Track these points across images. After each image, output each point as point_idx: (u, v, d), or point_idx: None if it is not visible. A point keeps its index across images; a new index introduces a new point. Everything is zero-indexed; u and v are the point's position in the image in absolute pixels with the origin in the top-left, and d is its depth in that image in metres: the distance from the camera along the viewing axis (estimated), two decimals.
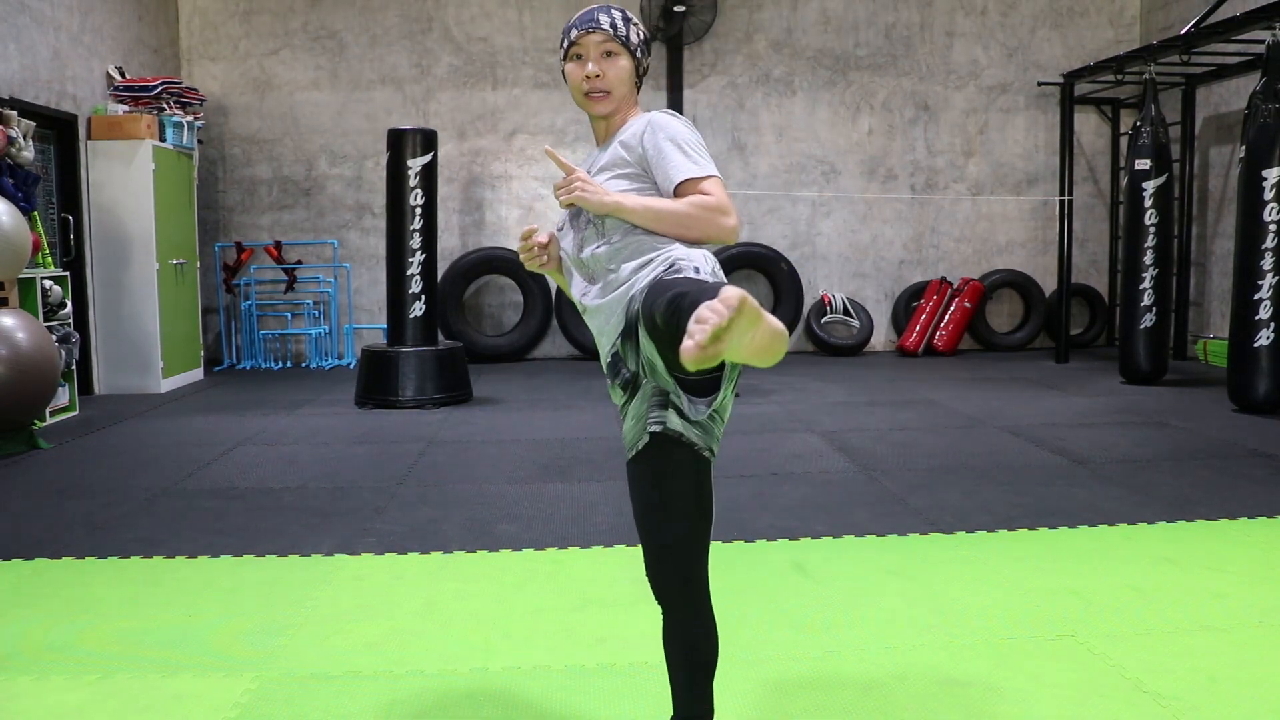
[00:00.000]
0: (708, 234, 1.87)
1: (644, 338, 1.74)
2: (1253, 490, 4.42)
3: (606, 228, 1.91)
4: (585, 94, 1.98)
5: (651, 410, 1.82)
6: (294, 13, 9.15)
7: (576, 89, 2.00)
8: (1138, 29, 9.76)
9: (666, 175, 1.89)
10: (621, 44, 1.98)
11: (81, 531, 3.94)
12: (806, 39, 9.49)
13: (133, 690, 2.55)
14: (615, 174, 1.94)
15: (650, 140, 1.91)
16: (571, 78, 2.00)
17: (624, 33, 1.98)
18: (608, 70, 1.97)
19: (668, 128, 1.92)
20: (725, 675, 2.51)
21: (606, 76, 1.97)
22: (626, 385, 1.88)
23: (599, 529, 3.92)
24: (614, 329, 1.87)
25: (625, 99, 2.01)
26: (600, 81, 1.97)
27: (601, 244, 1.91)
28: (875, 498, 4.37)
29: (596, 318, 1.93)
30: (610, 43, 1.97)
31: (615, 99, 1.99)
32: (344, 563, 3.55)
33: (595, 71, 1.96)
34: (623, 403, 1.93)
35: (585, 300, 1.96)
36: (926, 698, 2.48)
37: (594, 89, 1.97)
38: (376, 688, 2.56)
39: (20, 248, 5.57)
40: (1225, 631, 2.87)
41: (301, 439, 5.77)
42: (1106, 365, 8.50)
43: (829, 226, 9.68)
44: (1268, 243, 6.20)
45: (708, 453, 1.85)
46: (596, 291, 1.93)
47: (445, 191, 9.01)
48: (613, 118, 2.02)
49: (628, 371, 1.86)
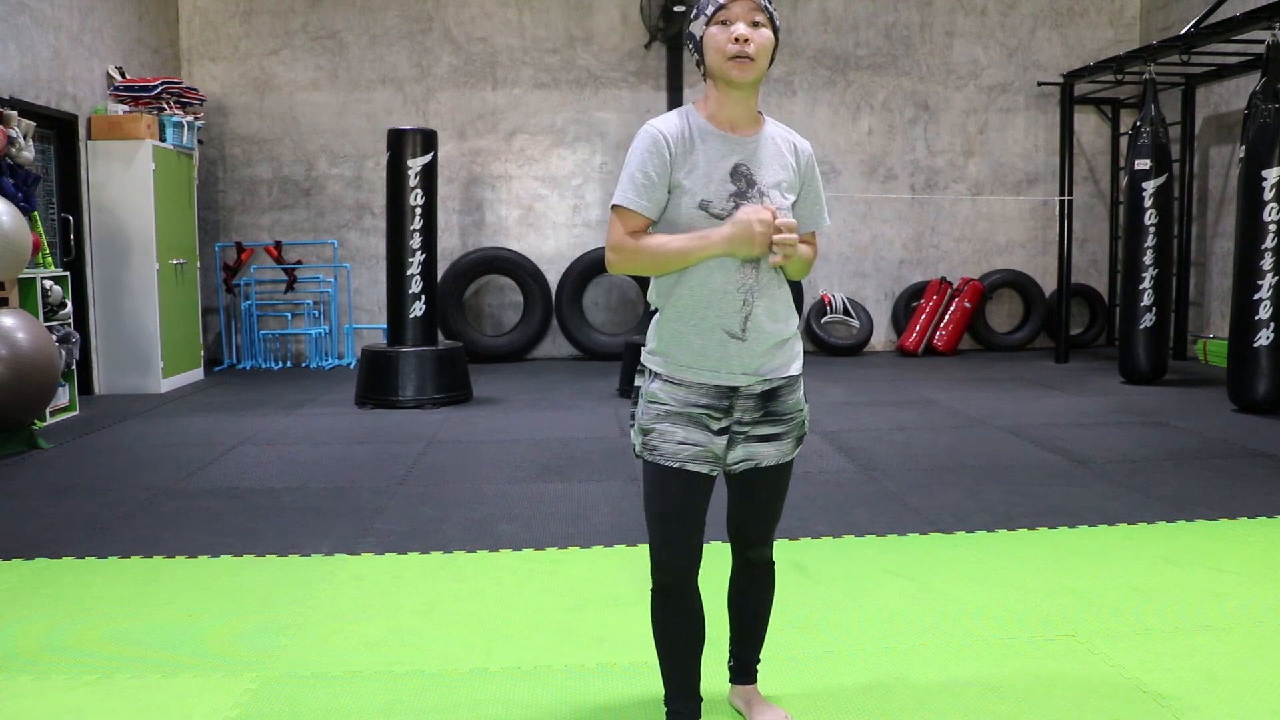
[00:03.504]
0: (801, 276, 2.16)
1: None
2: (1253, 490, 4.42)
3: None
4: (731, 57, 1.94)
5: (795, 436, 2.16)
6: (294, 13, 9.16)
7: (720, 53, 1.95)
8: (1138, 29, 9.76)
9: (815, 219, 2.16)
10: (768, 16, 1.96)
11: (81, 531, 3.94)
12: (806, 39, 9.49)
13: (133, 690, 2.55)
14: (787, 197, 2.08)
15: (813, 176, 2.14)
16: (714, 40, 1.95)
17: (771, 7, 1.97)
18: (754, 37, 1.93)
19: (816, 168, 2.15)
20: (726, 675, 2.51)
21: (754, 42, 1.93)
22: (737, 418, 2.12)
23: (599, 529, 3.92)
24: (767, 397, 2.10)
25: (761, 76, 1.99)
26: (748, 46, 1.93)
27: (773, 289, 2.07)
28: (875, 498, 4.37)
29: (751, 343, 2.06)
30: (759, 13, 1.95)
31: (758, 69, 1.96)
32: (344, 563, 3.55)
33: (745, 35, 1.92)
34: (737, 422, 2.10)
35: (733, 329, 2.04)
36: (926, 698, 2.48)
37: (741, 53, 1.92)
38: (376, 688, 2.56)
39: (20, 248, 5.57)
40: (1225, 631, 2.87)
41: (301, 439, 5.77)
42: (1106, 365, 8.50)
43: (829, 226, 9.65)
44: (1268, 243, 6.21)
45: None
46: (746, 327, 2.04)
47: (445, 191, 9.02)
48: (750, 95, 2.02)
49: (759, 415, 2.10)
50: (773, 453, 2.12)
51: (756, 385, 2.06)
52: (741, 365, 2.03)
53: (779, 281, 2.07)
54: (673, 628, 2.16)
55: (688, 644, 2.17)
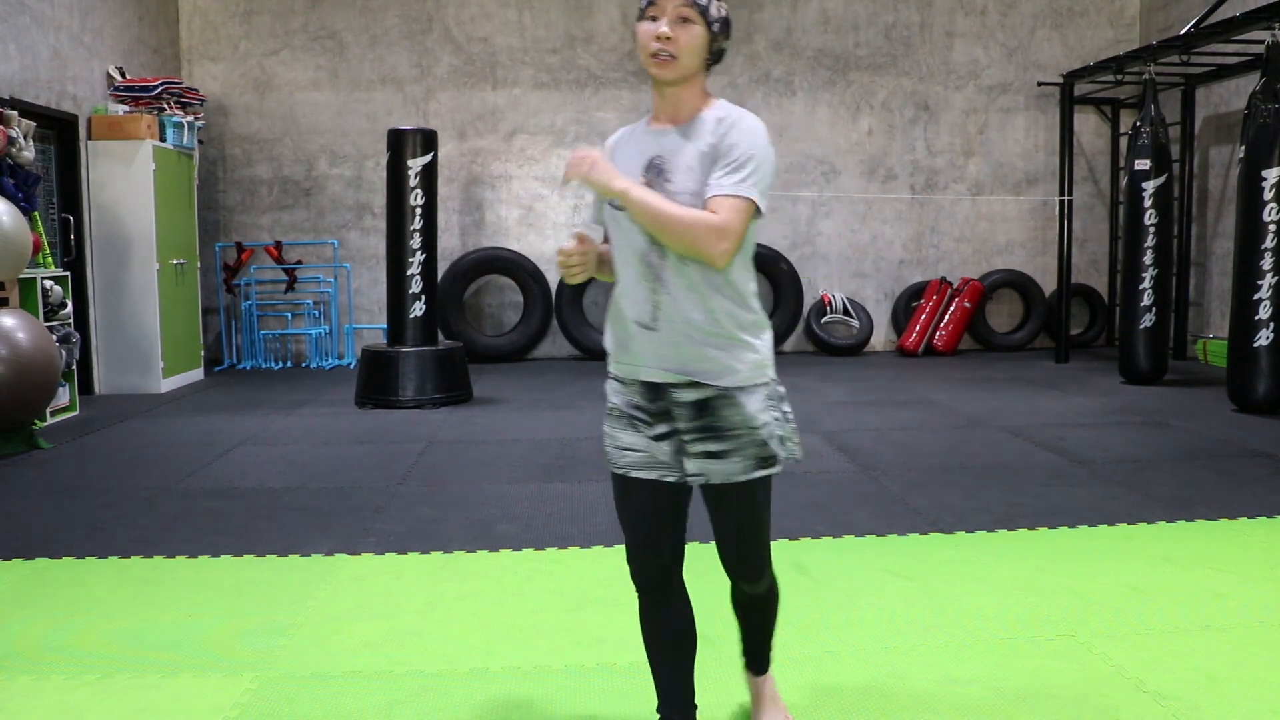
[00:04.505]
0: (692, 251, 1.85)
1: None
2: (1253, 490, 4.42)
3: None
4: (652, 54, 1.91)
5: (750, 456, 2.00)
6: (294, 13, 9.16)
7: (644, 49, 1.92)
8: (1137, 29, 9.76)
9: (713, 182, 1.87)
10: (699, 13, 1.89)
11: (81, 531, 3.94)
12: (806, 39, 9.50)
13: (133, 690, 2.55)
14: (697, 176, 1.91)
15: (730, 143, 1.88)
16: (641, 35, 1.93)
17: (704, 2, 1.90)
18: (680, 35, 1.89)
19: (748, 138, 1.88)
20: (726, 675, 2.51)
21: (677, 40, 1.88)
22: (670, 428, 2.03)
23: (599, 529, 3.92)
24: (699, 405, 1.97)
25: (692, 73, 1.92)
26: (670, 44, 1.88)
27: (672, 281, 1.92)
28: (875, 498, 4.37)
29: (656, 346, 1.96)
30: (688, 9, 1.89)
31: (681, 68, 1.91)
32: (344, 563, 3.55)
33: (666, 33, 1.88)
34: (665, 432, 2.01)
35: (642, 319, 1.95)
36: (926, 698, 2.48)
37: (662, 50, 1.89)
38: (376, 688, 2.56)
39: (21, 248, 5.57)
40: (1225, 631, 2.87)
41: (301, 439, 5.77)
42: (1106, 365, 8.50)
43: (829, 226, 9.68)
44: (1267, 243, 6.20)
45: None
46: (657, 316, 1.94)
47: (445, 191, 9.01)
48: (679, 91, 1.94)
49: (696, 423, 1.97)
50: (719, 470, 1.98)
51: (684, 389, 1.95)
52: (657, 359, 1.95)
53: (707, 274, 1.91)
54: (654, 635, 2.12)
55: (670, 655, 2.12)
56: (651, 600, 2.11)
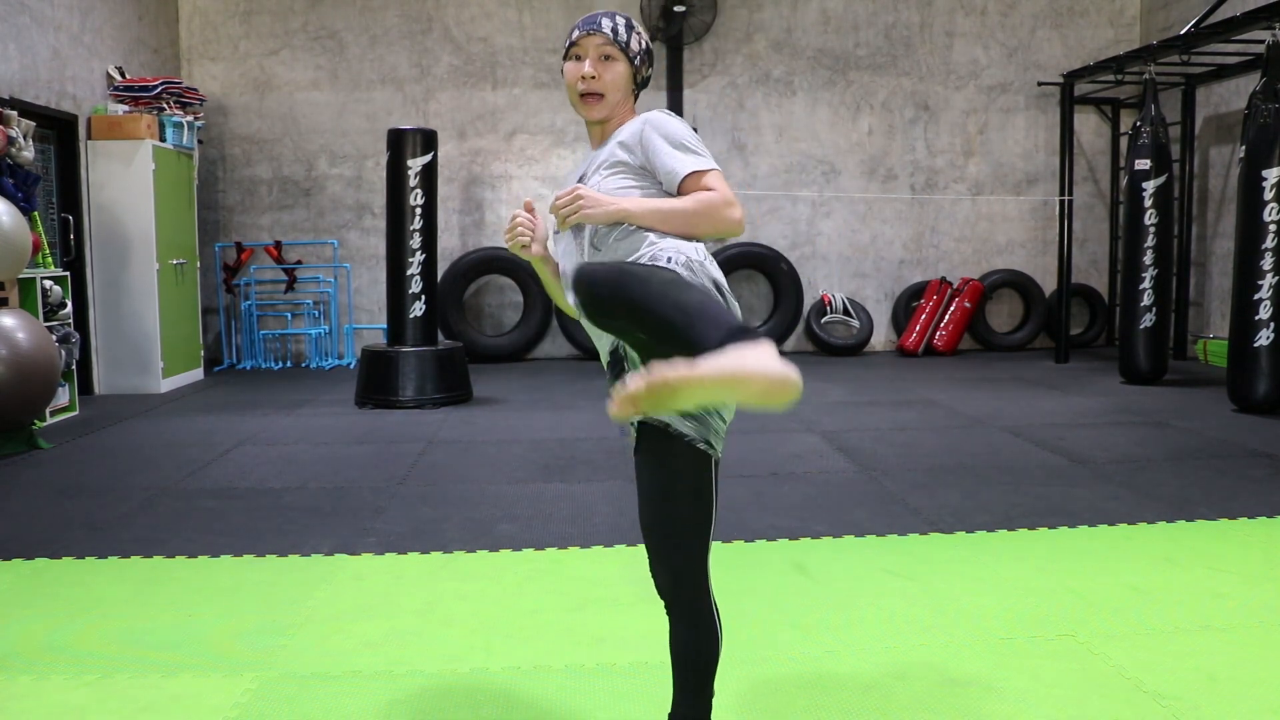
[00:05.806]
0: (716, 229, 1.89)
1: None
2: (1253, 490, 4.42)
3: (603, 238, 1.90)
4: (580, 95, 1.99)
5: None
6: (294, 13, 9.15)
7: (572, 89, 2.01)
8: (1138, 29, 9.76)
9: (671, 170, 1.89)
10: (620, 49, 1.98)
11: (81, 531, 3.94)
12: (806, 39, 9.49)
13: (133, 690, 2.55)
14: (615, 171, 1.94)
15: (649, 138, 1.92)
16: (568, 76, 2.02)
17: (624, 39, 1.99)
18: (604, 73, 1.98)
19: (665, 125, 1.93)
20: (725, 675, 2.50)
21: (602, 79, 1.97)
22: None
23: (599, 529, 3.92)
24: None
25: (620, 105, 2.01)
26: (595, 83, 1.97)
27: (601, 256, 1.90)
28: (875, 498, 4.37)
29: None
30: (609, 46, 1.98)
31: (608, 104, 1.99)
32: (344, 563, 3.55)
33: (591, 72, 1.97)
34: None
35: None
36: (926, 698, 2.48)
37: (589, 90, 1.98)
38: (376, 688, 2.56)
39: (20, 248, 5.57)
40: (1225, 631, 2.87)
41: (301, 439, 5.77)
42: (1106, 365, 8.50)
43: (829, 226, 9.68)
44: (1268, 243, 6.20)
45: (704, 445, 1.82)
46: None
47: (445, 191, 9.01)
48: (607, 124, 2.03)
49: (630, 367, 1.86)
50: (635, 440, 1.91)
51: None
52: (595, 337, 1.92)
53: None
54: (715, 640, 1.96)
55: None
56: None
